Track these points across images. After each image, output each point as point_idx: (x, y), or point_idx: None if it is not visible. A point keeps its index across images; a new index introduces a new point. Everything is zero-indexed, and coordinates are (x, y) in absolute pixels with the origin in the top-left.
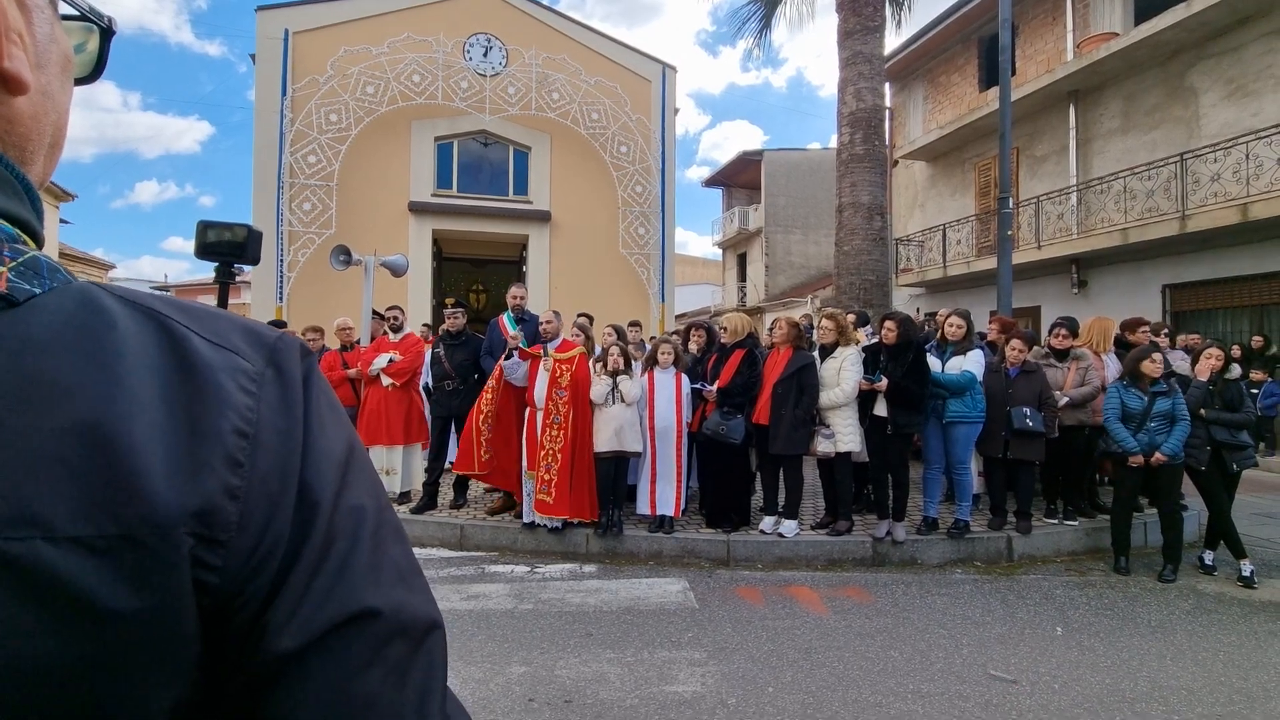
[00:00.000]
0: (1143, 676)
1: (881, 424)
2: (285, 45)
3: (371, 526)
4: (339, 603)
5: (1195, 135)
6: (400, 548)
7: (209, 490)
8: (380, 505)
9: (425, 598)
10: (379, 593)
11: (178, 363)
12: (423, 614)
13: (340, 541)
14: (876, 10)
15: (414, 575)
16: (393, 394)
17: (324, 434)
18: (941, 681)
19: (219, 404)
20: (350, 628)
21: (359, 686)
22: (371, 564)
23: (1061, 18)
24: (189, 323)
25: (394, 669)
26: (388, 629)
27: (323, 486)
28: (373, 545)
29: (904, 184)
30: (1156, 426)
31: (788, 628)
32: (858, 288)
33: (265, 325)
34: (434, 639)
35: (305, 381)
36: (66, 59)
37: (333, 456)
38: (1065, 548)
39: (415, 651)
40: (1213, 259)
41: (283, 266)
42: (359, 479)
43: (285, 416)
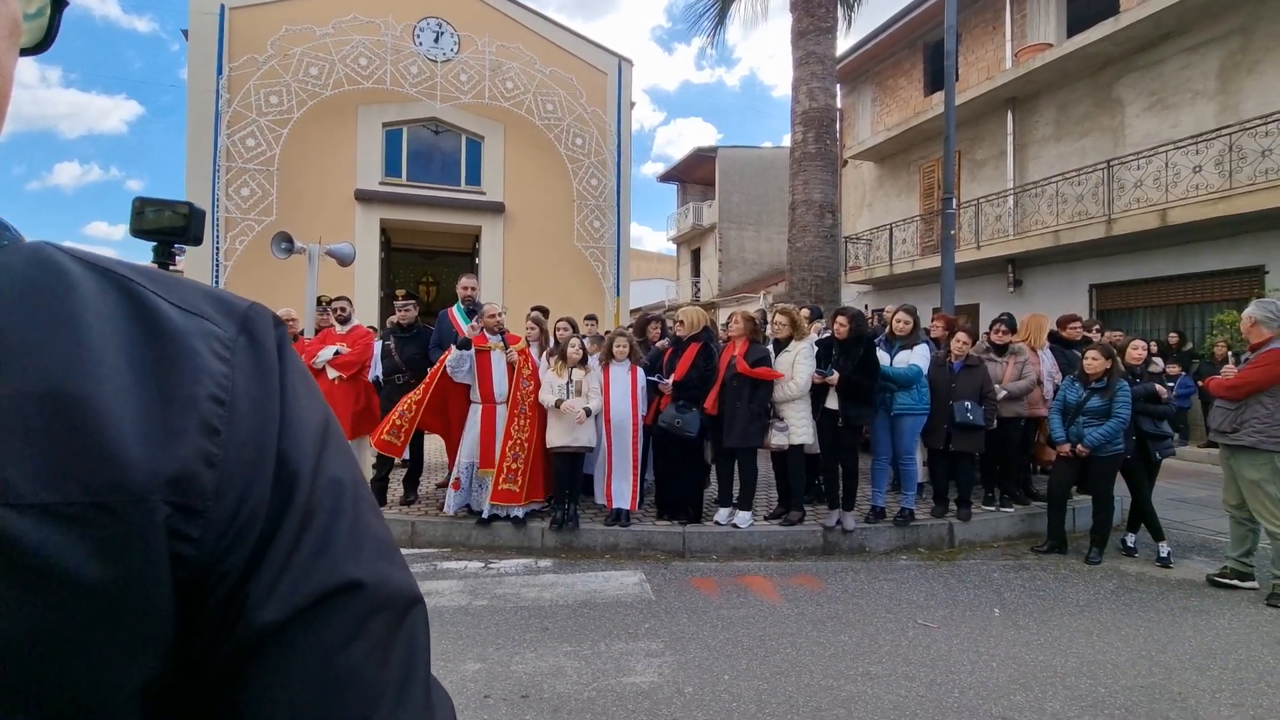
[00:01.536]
0: (1073, 653)
1: (833, 417)
2: (221, 21)
3: (351, 499)
4: (322, 575)
5: (1121, 144)
6: (379, 522)
7: (185, 457)
8: (357, 480)
9: (405, 573)
10: (361, 566)
11: (146, 327)
12: (405, 588)
13: (321, 513)
14: (829, 11)
15: (394, 549)
16: (340, 387)
17: (300, 404)
18: (889, 663)
19: (193, 370)
20: (333, 600)
21: (342, 660)
22: (353, 536)
23: (1001, 27)
24: (156, 288)
25: (377, 644)
26: (371, 603)
27: (301, 457)
28: (354, 518)
29: (853, 184)
30: (1086, 420)
31: (742, 617)
32: (810, 284)
33: (233, 294)
34: (416, 614)
35: (280, 349)
36: (14, 24)
37: (310, 427)
38: (1002, 533)
39: (398, 626)
40: (1135, 261)
41: (218, 254)
42: (337, 451)
43: (261, 385)
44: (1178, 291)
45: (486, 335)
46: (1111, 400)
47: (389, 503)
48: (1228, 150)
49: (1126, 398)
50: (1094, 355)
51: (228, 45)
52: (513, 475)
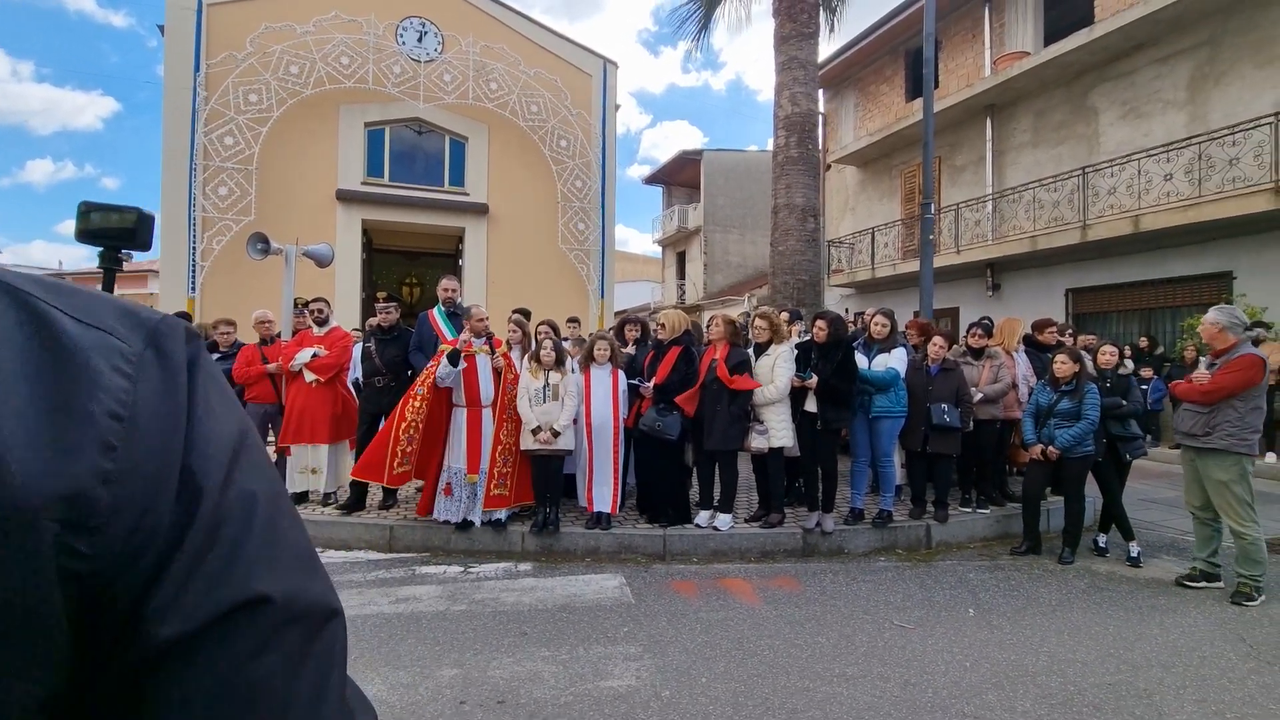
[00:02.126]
0: (1044, 652)
1: (812, 420)
2: (199, 18)
3: (265, 512)
4: (228, 589)
5: (1095, 151)
6: (297, 533)
7: (78, 474)
8: (275, 491)
9: (325, 585)
10: (273, 579)
11: (41, 341)
12: (321, 601)
13: (229, 527)
14: (811, 17)
15: (312, 561)
16: (318, 390)
17: (211, 418)
18: (865, 664)
19: (90, 385)
20: (240, 614)
21: (249, 673)
22: (265, 550)
23: (980, 35)
24: (55, 300)
25: (288, 656)
26: (281, 616)
27: (208, 471)
28: (266, 531)
29: (836, 188)
30: (1057, 422)
31: (721, 619)
32: (792, 287)
33: (145, 307)
34: (333, 627)
35: (191, 364)
36: None
37: (220, 441)
38: (978, 534)
39: (312, 639)
40: (1109, 266)
41: (195, 255)
42: (251, 465)
43: (166, 400)
44: (1150, 296)
45: (473, 340)
46: (1080, 403)
47: (367, 506)
48: (1197, 159)
49: (1095, 400)
50: (1063, 359)
51: (205, 42)
52: (503, 480)
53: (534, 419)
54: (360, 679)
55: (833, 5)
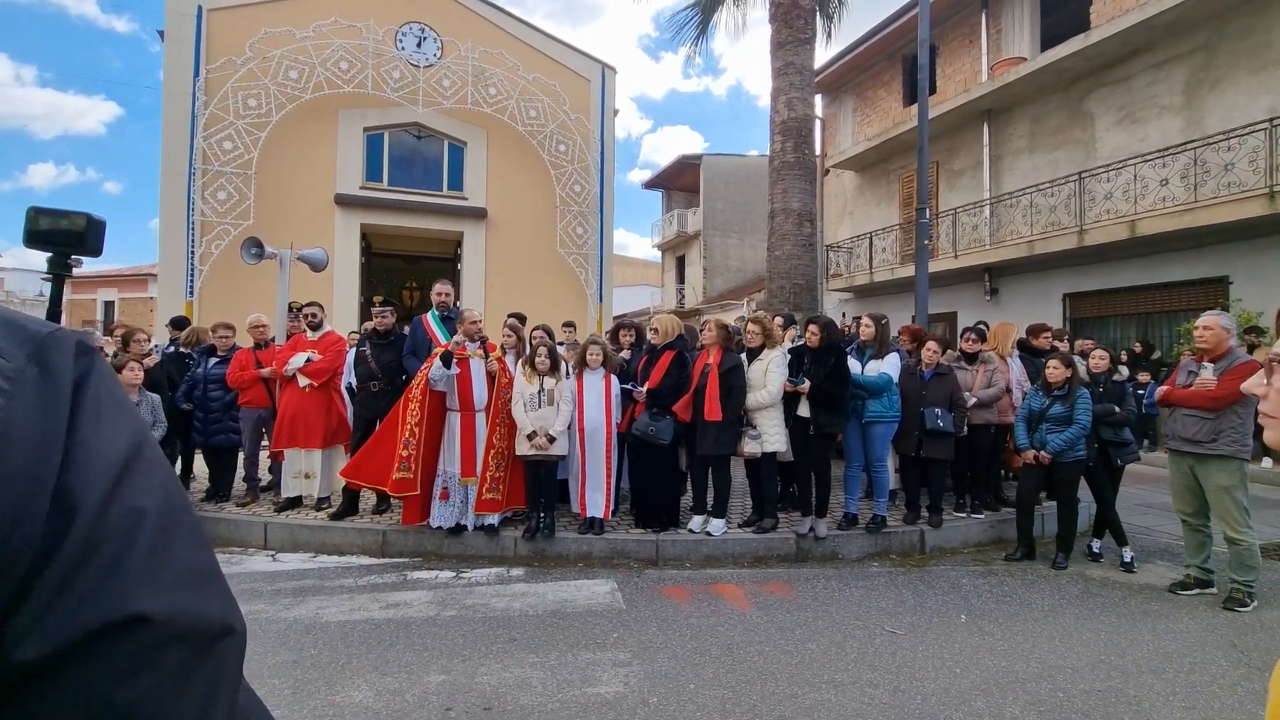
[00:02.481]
0: (1034, 658)
1: (805, 424)
2: (199, 23)
3: (153, 529)
4: (100, 609)
5: (1092, 156)
6: (193, 550)
7: None
8: (170, 507)
9: (220, 602)
10: (154, 597)
11: None
12: (212, 619)
13: (107, 545)
14: (808, 23)
15: (206, 578)
16: (311, 395)
17: (98, 434)
18: (855, 670)
19: None
20: (113, 634)
21: (122, 695)
22: (148, 568)
23: (977, 41)
24: None
25: (170, 676)
26: (162, 635)
27: (87, 489)
28: (152, 548)
29: (835, 192)
30: (1049, 427)
31: (712, 625)
32: (788, 291)
33: (38, 320)
34: (225, 645)
35: (81, 380)
36: None
37: (106, 457)
38: (973, 539)
39: (199, 658)
40: (1106, 270)
41: (194, 259)
42: (142, 480)
43: (43, 416)
44: (1146, 301)
45: (466, 344)
46: (1072, 407)
47: (360, 511)
48: (1193, 164)
49: (1087, 405)
50: (1055, 364)
51: (205, 47)
52: (496, 484)
53: (529, 424)
54: (347, 685)
55: (830, 11)
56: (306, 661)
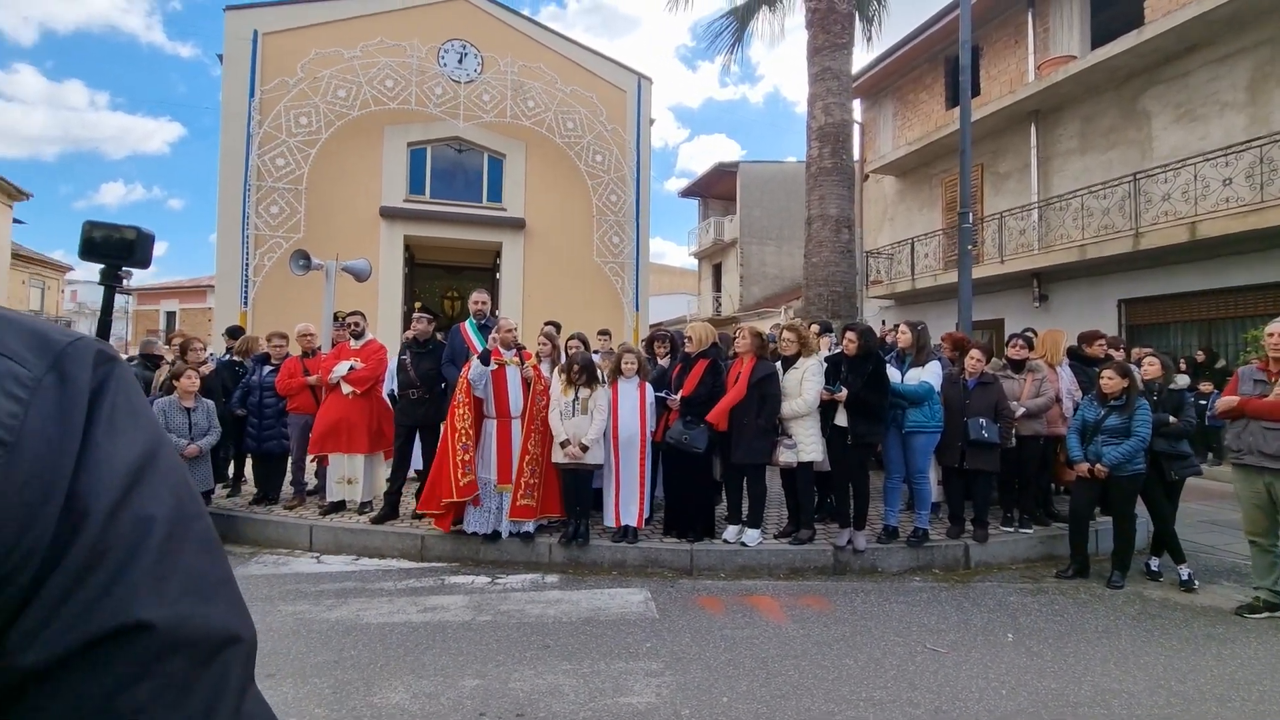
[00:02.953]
0: (1087, 681)
1: (842, 434)
2: (254, 46)
3: (161, 536)
4: (103, 616)
5: (1148, 156)
6: (203, 558)
7: None
8: (181, 515)
9: (226, 610)
10: (159, 606)
11: None
12: (216, 627)
13: (114, 553)
14: (845, 28)
15: (215, 587)
16: (354, 402)
17: (111, 442)
18: (894, 688)
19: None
20: (115, 641)
21: (122, 703)
22: (154, 576)
23: (1023, 40)
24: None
25: (171, 684)
26: (164, 643)
27: (96, 496)
28: (159, 556)
29: (874, 198)
30: (1105, 439)
31: (746, 637)
32: (826, 299)
33: (61, 330)
34: (230, 654)
35: (99, 389)
36: None
37: (117, 465)
38: (1021, 555)
39: (201, 667)
40: (1164, 275)
41: (248, 271)
42: (154, 488)
43: (59, 424)
44: (1209, 306)
45: (501, 350)
46: (1130, 419)
47: (400, 515)
48: (1258, 162)
49: (1146, 416)
50: (1110, 374)
51: (260, 69)
52: (530, 490)
53: (563, 432)
54: (385, 686)
55: (870, 15)
56: (347, 662)
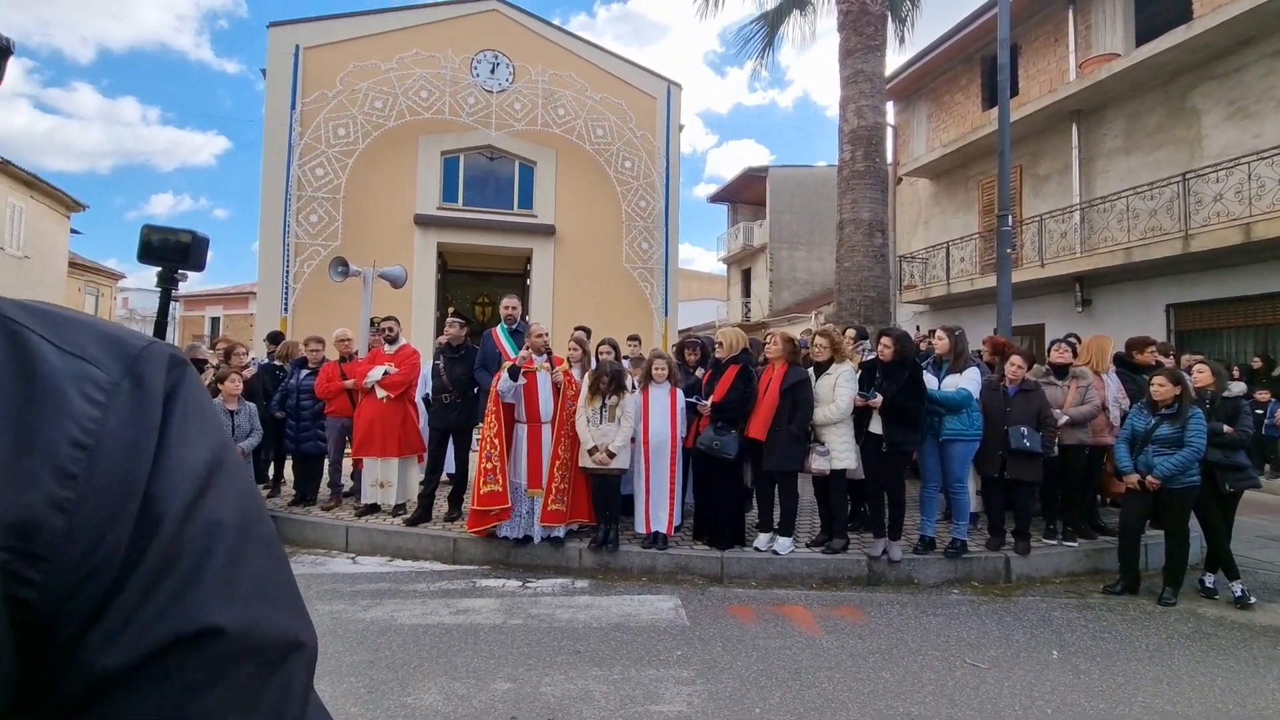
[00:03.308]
0: (1138, 702)
1: (877, 441)
2: (295, 61)
3: (230, 541)
4: (176, 620)
5: (1197, 155)
6: (268, 563)
7: (29, 503)
8: (247, 519)
9: (292, 616)
10: (228, 610)
11: (18, 370)
12: (284, 633)
13: (187, 556)
14: (877, 30)
15: (280, 592)
16: (387, 406)
17: (183, 445)
18: (933, 704)
19: (56, 414)
20: (188, 646)
21: (196, 707)
22: (224, 580)
23: (1064, 39)
24: (43, 330)
25: (241, 690)
26: (235, 648)
27: (171, 499)
28: (229, 560)
29: (908, 201)
30: (1156, 450)
31: (779, 647)
32: (858, 304)
33: (135, 334)
34: (295, 660)
35: (171, 392)
36: None
37: (189, 469)
38: (1065, 569)
39: (270, 672)
40: (1216, 279)
41: (288, 278)
42: (222, 492)
43: (135, 427)
44: (1265, 311)
45: (533, 357)
46: (1183, 428)
47: (433, 518)
48: None
49: (1201, 425)
50: (1161, 381)
51: (301, 82)
52: (560, 495)
53: (590, 439)
54: (418, 687)
55: (902, 16)
56: (381, 662)
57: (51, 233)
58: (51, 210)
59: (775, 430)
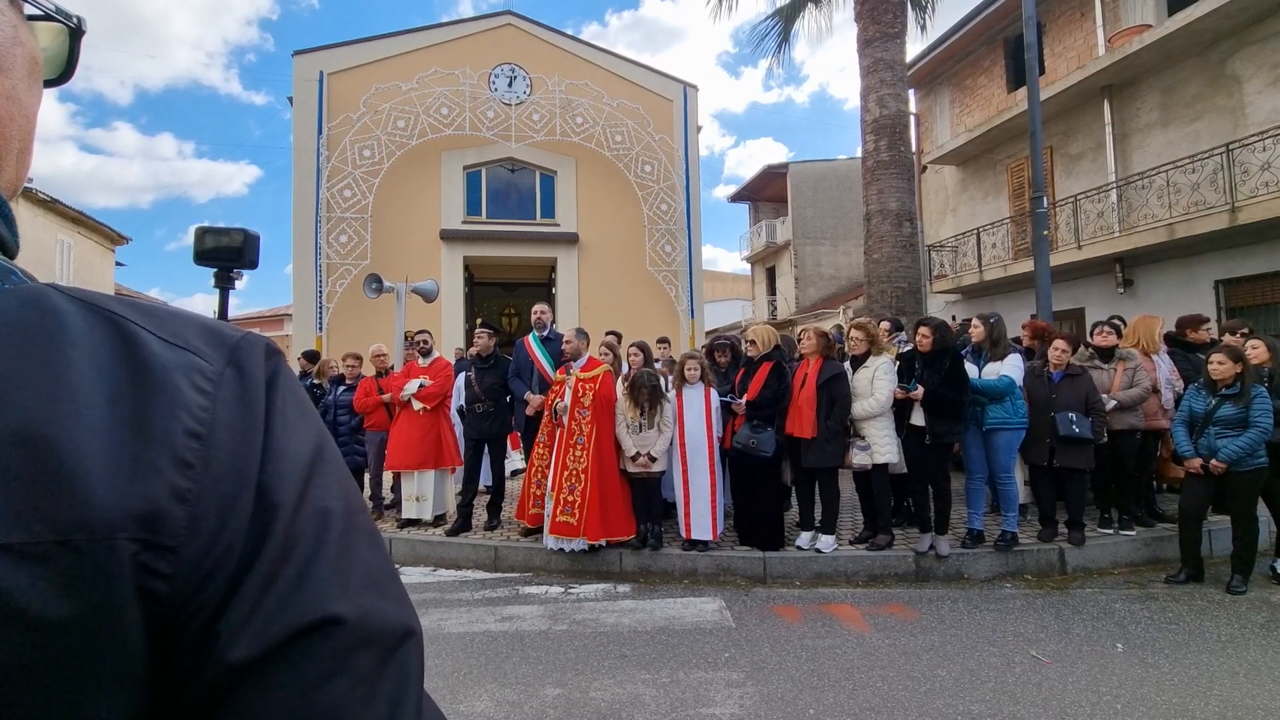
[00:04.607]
0: (1214, 695)
1: (919, 434)
2: (320, 86)
3: (339, 529)
4: (299, 610)
5: (1241, 124)
6: (373, 552)
7: (153, 493)
8: (351, 508)
9: (399, 604)
10: (345, 599)
11: (129, 363)
12: (396, 621)
13: (302, 546)
14: (896, 17)
15: (388, 581)
16: (422, 418)
17: (288, 434)
18: (994, 702)
19: (170, 404)
20: (312, 636)
21: (322, 698)
22: (338, 569)
23: (1090, 13)
24: (145, 323)
25: (362, 679)
26: (354, 637)
27: (283, 488)
28: (340, 549)
29: (934, 189)
30: (1218, 432)
31: (828, 647)
32: (889, 296)
33: (229, 325)
34: (408, 648)
35: (271, 381)
36: (33, 61)
37: (296, 457)
38: (1123, 559)
39: (386, 661)
40: (1269, 251)
41: (321, 298)
42: (326, 481)
43: (243, 417)
44: None
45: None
46: (1247, 408)
47: (474, 527)
48: None
49: (1266, 404)
50: (1220, 359)
51: (326, 107)
52: (569, 507)
53: (633, 446)
54: (470, 695)
55: (922, 3)
56: (432, 670)
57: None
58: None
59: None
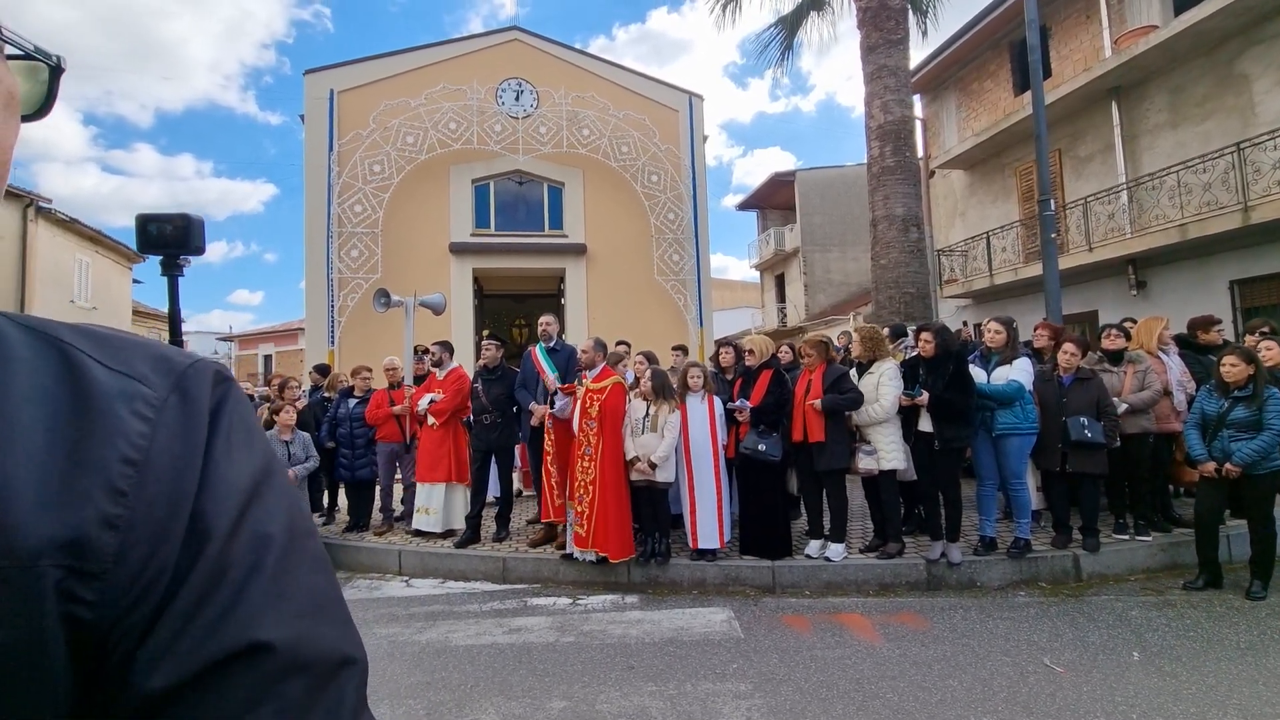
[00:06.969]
0: (1234, 705)
1: (927, 440)
2: (331, 104)
3: (277, 555)
4: (225, 637)
5: (1251, 123)
6: (317, 577)
7: (81, 521)
8: (295, 533)
9: (340, 631)
10: (278, 625)
11: (71, 390)
12: (331, 649)
13: (234, 571)
14: (898, 24)
15: (329, 607)
16: (435, 432)
17: (229, 460)
18: (1007, 712)
19: (108, 431)
20: (236, 664)
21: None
22: (272, 595)
23: (1095, 15)
24: (92, 350)
25: (290, 707)
26: (283, 665)
27: (218, 514)
28: (276, 575)
29: (942, 194)
30: (1232, 434)
31: (838, 657)
32: (897, 301)
33: (181, 351)
34: (345, 676)
35: (217, 408)
36: (10, 97)
37: (235, 483)
38: (1140, 565)
39: (319, 690)
40: None
41: (333, 312)
42: (268, 506)
43: (183, 443)
44: None
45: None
46: (1261, 409)
47: (482, 539)
48: None
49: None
50: (1232, 360)
51: (337, 124)
52: (579, 518)
53: (632, 449)
54: (476, 708)
55: (923, 8)
56: (439, 683)
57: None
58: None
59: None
